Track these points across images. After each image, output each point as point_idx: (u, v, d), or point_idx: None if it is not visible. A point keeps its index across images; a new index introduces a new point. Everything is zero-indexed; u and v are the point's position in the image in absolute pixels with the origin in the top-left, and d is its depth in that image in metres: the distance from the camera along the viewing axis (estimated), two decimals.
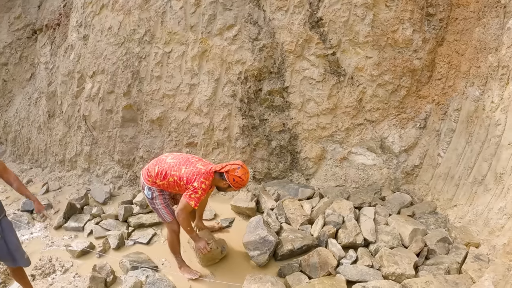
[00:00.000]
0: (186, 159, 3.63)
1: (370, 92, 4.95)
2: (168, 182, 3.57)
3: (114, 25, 5.61)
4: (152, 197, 3.65)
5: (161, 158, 3.72)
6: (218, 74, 5.19)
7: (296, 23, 4.89)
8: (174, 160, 3.63)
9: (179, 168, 3.53)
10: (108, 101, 5.72)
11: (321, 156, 5.15)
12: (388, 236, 3.96)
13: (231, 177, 3.49)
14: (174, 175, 3.52)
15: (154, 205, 3.69)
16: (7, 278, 4.10)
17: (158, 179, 3.59)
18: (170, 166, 3.57)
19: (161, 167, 3.59)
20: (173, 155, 3.77)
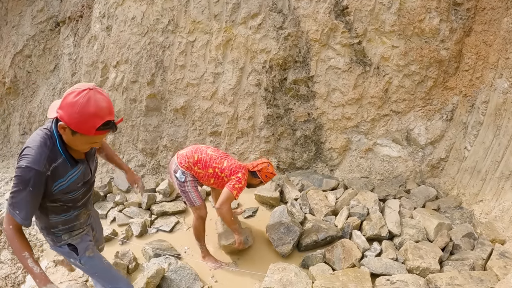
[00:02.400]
0: (226, 155, 3.78)
1: (396, 83, 4.85)
2: (207, 172, 3.65)
3: (138, 15, 5.62)
4: (185, 181, 3.66)
5: (200, 148, 3.76)
6: (243, 63, 5.15)
7: (321, 11, 4.82)
8: (214, 153, 3.72)
9: (221, 161, 3.66)
10: (132, 90, 5.74)
11: (346, 147, 5.08)
12: (413, 230, 3.89)
13: (264, 174, 3.78)
14: (215, 167, 3.63)
15: (185, 188, 3.68)
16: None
17: (197, 166, 3.64)
18: (212, 158, 3.65)
19: (202, 156, 3.66)
20: (211, 148, 3.82)
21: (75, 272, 3.82)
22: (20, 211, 1.96)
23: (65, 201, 2.21)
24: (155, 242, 4.09)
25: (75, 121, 1.83)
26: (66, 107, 1.82)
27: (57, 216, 2.27)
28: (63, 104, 1.83)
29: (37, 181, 1.93)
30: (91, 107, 1.82)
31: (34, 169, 1.91)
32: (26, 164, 1.90)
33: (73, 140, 1.96)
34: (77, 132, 1.88)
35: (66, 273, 3.84)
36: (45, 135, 1.99)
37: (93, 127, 1.86)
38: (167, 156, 5.77)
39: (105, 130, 1.91)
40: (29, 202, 1.97)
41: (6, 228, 2.01)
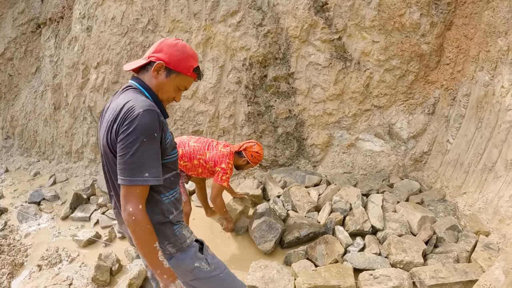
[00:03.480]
0: (208, 144, 3.79)
1: (377, 77, 4.86)
2: (193, 164, 3.71)
3: (117, 15, 5.58)
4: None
5: (183, 141, 3.78)
6: (223, 61, 5.14)
7: (300, 8, 4.81)
8: (197, 144, 3.75)
9: (204, 152, 3.70)
10: (113, 91, 5.70)
11: (328, 142, 5.08)
12: (396, 224, 3.89)
13: (249, 153, 3.78)
14: (200, 159, 3.68)
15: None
16: (15, 269, 4.13)
17: (183, 160, 3.70)
18: (195, 150, 3.70)
19: (185, 150, 3.70)
20: (195, 138, 3.85)
21: (59, 276, 3.78)
22: (150, 169, 1.61)
23: (172, 165, 1.87)
24: None
25: (176, 59, 1.78)
26: (166, 48, 1.79)
27: (168, 193, 1.86)
28: (161, 47, 1.79)
29: (158, 125, 1.64)
30: (190, 49, 1.84)
31: (154, 110, 1.62)
32: (144, 109, 1.60)
33: (165, 83, 1.80)
34: (174, 71, 1.80)
35: (50, 277, 3.80)
36: (134, 91, 1.78)
37: (191, 66, 1.82)
38: None
39: (197, 73, 1.88)
40: (157, 153, 1.65)
41: (134, 210, 1.60)
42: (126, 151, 1.57)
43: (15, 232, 4.88)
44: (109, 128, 1.65)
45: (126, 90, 1.78)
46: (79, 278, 3.74)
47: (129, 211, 1.59)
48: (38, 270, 4.00)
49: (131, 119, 1.57)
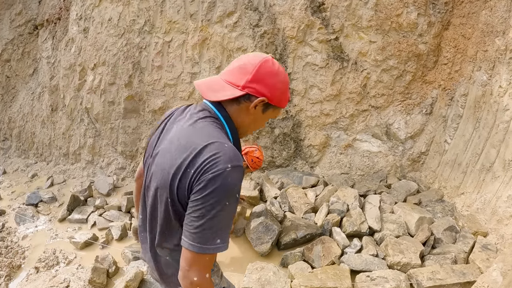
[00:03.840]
0: None
1: (375, 78, 4.85)
2: None
3: (114, 16, 5.56)
4: None
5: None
6: (219, 62, 5.12)
7: (297, 8, 4.79)
8: None
9: None
10: (110, 92, 5.69)
11: (325, 143, 5.07)
12: (393, 225, 3.88)
13: (250, 158, 3.72)
14: None
15: None
16: (12, 271, 4.13)
17: None
18: None
19: None
20: None
21: (56, 278, 3.78)
22: (223, 235, 1.32)
23: None
24: (134, 245, 4.06)
25: (279, 93, 1.44)
26: (268, 77, 1.39)
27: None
28: (261, 76, 1.39)
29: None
30: (286, 75, 1.48)
31: (241, 166, 1.31)
32: (232, 164, 1.27)
33: (260, 118, 1.49)
34: (273, 106, 1.46)
35: (47, 279, 3.79)
36: (216, 124, 1.41)
37: (287, 98, 1.51)
38: None
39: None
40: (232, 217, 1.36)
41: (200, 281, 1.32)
42: (203, 213, 1.27)
43: (13, 234, 4.88)
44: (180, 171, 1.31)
45: (203, 118, 1.41)
46: (76, 280, 3.73)
47: (193, 280, 1.32)
48: (36, 272, 4.00)
49: (215, 175, 1.25)
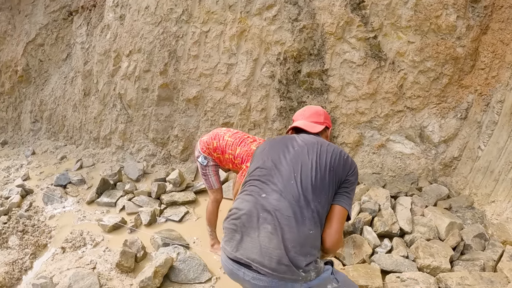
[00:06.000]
0: (242, 140, 3.74)
1: (411, 79, 4.78)
2: (224, 158, 3.73)
3: (151, 4, 5.61)
4: (206, 165, 3.79)
5: (219, 134, 3.81)
6: (257, 54, 5.12)
7: (337, 4, 4.75)
8: (231, 139, 3.74)
9: (235, 148, 3.66)
10: (144, 79, 5.74)
11: (359, 142, 5.02)
12: (424, 228, 3.83)
13: None
14: (230, 153, 3.67)
15: (206, 171, 3.81)
16: (38, 249, 4.21)
17: (216, 152, 3.74)
18: (228, 144, 3.70)
19: (219, 143, 3.72)
20: (231, 132, 3.85)
21: (82, 259, 3.84)
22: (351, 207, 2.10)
23: None
24: (164, 231, 4.08)
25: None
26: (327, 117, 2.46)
27: None
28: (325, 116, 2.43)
29: None
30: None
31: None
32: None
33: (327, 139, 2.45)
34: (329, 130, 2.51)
35: (73, 259, 3.86)
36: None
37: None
38: (178, 146, 5.77)
39: None
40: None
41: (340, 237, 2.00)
42: (353, 187, 2.09)
43: (40, 213, 4.99)
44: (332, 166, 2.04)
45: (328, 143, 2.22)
46: (102, 263, 3.78)
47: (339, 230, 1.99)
48: (62, 252, 4.06)
49: (355, 167, 2.13)
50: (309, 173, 1.99)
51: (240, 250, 1.86)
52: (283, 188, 1.95)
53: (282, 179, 1.99)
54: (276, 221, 1.85)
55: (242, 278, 1.85)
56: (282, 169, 2.03)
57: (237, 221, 1.94)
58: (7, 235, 4.40)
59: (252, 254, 1.81)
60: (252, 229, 1.87)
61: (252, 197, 1.97)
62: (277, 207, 1.89)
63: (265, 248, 1.80)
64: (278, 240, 1.80)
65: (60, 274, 3.60)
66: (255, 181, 2.05)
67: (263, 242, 1.82)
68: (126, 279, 3.52)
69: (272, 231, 1.83)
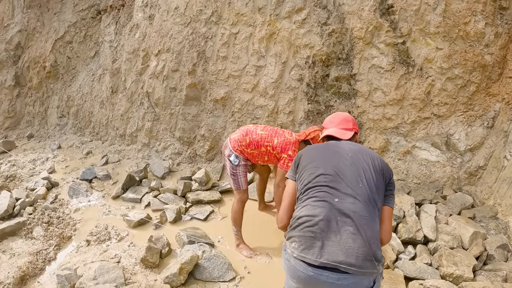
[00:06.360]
0: (275, 131, 3.89)
1: (439, 86, 4.75)
2: (260, 151, 3.82)
3: (181, 5, 5.69)
4: (237, 164, 3.84)
5: (250, 130, 3.89)
6: (286, 57, 5.16)
7: (366, 9, 4.77)
8: (264, 132, 3.85)
9: (272, 139, 3.79)
10: (173, 79, 5.83)
11: (384, 147, 5.01)
12: (448, 236, 3.83)
13: (316, 141, 3.82)
14: (267, 145, 3.79)
15: (236, 171, 3.85)
16: (62, 241, 4.28)
17: (250, 148, 3.81)
18: (263, 137, 3.80)
19: (253, 138, 3.81)
20: (261, 126, 3.96)
21: (107, 253, 3.90)
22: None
23: None
24: (189, 229, 4.13)
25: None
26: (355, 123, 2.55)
27: None
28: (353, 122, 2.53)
29: None
30: None
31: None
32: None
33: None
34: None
35: (97, 252, 3.92)
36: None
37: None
38: (204, 145, 5.82)
39: None
40: None
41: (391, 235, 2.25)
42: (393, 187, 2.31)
43: (65, 206, 5.06)
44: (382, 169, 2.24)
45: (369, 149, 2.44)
46: (127, 257, 3.83)
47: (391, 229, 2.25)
48: (86, 245, 4.12)
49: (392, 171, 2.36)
50: (370, 176, 2.16)
51: (325, 255, 1.92)
52: (355, 191, 2.09)
53: (350, 183, 2.12)
54: (356, 222, 1.99)
55: (323, 282, 1.92)
56: (347, 174, 2.16)
57: (314, 228, 2.01)
58: (32, 226, 4.48)
59: (338, 256, 1.90)
60: (333, 233, 1.97)
61: (326, 203, 2.07)
62: (354, 209, 2.02)
63: (351, 249, 1.92)
64: (362, 239, 1.94)
65: (84, 266, 3.65)
66: (322, 187, 2.14)
67: (347, 243, 1.93)
68: (150, 274, 3.56)
69: (354, 231, 1.96)
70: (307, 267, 1.94)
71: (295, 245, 2.02)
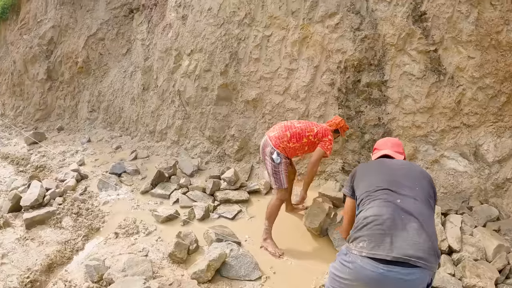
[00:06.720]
0: (311, 122, 4.22)
1: (470, 95, 4.71)
2: (301, 143, 4.02)
3: (214, 6, 5.78)
4: (280, 162, 3.92)
5: (287, 125, 4.07)
6: (318, 62, 5.20)
7: (399, 15, 4.76)
8: (302, 124, 4.10)
9: (311, 128, 4.07)
10: (204, 79, 5.93)
11: (413, 155, 4.99)
12: (472, 248, 3.79)
13: (343, 129, 4.41)
14: (309, 135, 4.04)
15: (278, 169, 3.93)
16: (90, 232, 4.37)
17: (291, 142, 3.95)
18: (303, 129, 4.03)
19: (293, 131, 3.99)
20: (294, 121, 4.19)
21: (135, 246, 3.96)
22: None
23: None
24: (217, 227, 4.15)
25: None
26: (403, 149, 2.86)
27: None
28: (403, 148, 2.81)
29: None
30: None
31: None
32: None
33: None
34: None
35: (126, 245, 3.99)
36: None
37: None
38: (234, 145, 5.90)
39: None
40: None
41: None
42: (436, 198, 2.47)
43: (94, 198, 5.17)
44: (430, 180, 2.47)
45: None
46: (154, 251, 3.88)
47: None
48: (115, 237, 4.19)
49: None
50: (424, 184, 2.40)
51: (396, 250, 2.05)
52: (413, 193, 2.30)
53: (408, 187, 2.35)
54: (419, 219, 2.17)
55: (392, 278, 2.04)
56: (404, 181, 2.39)
57: (382, 226, 2.17)
58: (61, 216, 4.61)
59: (408, 250, 2.04)
60: (399, 230, 2.13)
61: (390, 203, 2.27)
62: (416, 208, 2.22)
63: (417, 243, 2.07)
64: (425, 234, 2.11)
65: (112, 258, 3.72)
66: (384, 190, 2.36)
67: (413, 238, 2.09)
68: (177, 269, 3.61)
69: (418, 228, 2.13)
70: (378, 265, 2.04)
71: (364, 244, 2.14)
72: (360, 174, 2.64)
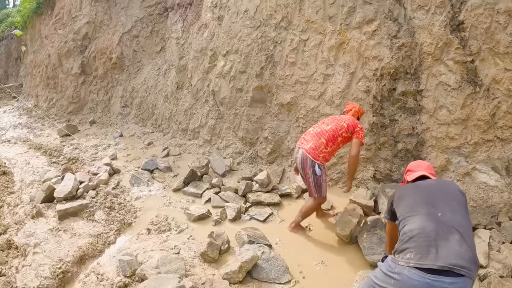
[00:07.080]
0: (336, 118, 4.29)
1: (505, 108, 4.65)
2: (337, 143, 4.10)
3: (251, 8, 5.85)
4: (321, 174, 4.02)
5: (316, 132, 4.16)
6: (354, 68, 5.22)
7: (437, 24, 4.74)
8: (331, 125, 4.16)
9: (341, 125, 4.14)
10: (240, 80, 6.00)
11: (445, 167, 4.96)
12: (499, 264, 3.75)
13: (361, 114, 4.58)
14: (342, 133, 4.11)
15: (320, 181, 4.04)
16: (122, 227, 4.41)
17: (328, 147, 4.04)
18: (334, 129, 4.11)
19: (326, 135, 4.08)
20: (324, 123, 4.25)
21: (166, 243, 3.98)
22: None
23: None
24: (249, 229, 4.16)
25: None
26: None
27: None
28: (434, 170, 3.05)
29: None
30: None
31: None
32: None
33: None
34: None
35: (157, 242, 4.01)
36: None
37: None
38: (266, 148, 5.93)
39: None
40: None
41: None
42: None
43: (126, 193, 5.23)
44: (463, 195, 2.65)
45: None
46: (186, 250, 3.89)
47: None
48: (147, 233, 4.22)
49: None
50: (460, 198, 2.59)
51: (441, 259, 2.20)
52: (452, 208, 2.48)
53: (446, 203, 2.53)
54: (460, 231, 2.32)
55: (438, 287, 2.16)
56: (441, 196, 2.59)
57: (428, 238, 2.32)
58: (94, 209, 4.69)
59: (452, 259, 2.18)
60: (443, 240, 2.28)
61: (431, 216, 2.44)
62: (455, 221, 2.38)
63: (460, 253, 2.21)
64: (466, 244, 2.25)
65: (144, 254, 3.74)
66: (424, 205, 2.54)
67: (455, 248, 2.22)
68: (209, 268, 3.62)
69: (459, 239, 2.27)
70: (425, 275, 2.17)
71: (411, 255, 2.28)
72: (399, 196, 2.79)
